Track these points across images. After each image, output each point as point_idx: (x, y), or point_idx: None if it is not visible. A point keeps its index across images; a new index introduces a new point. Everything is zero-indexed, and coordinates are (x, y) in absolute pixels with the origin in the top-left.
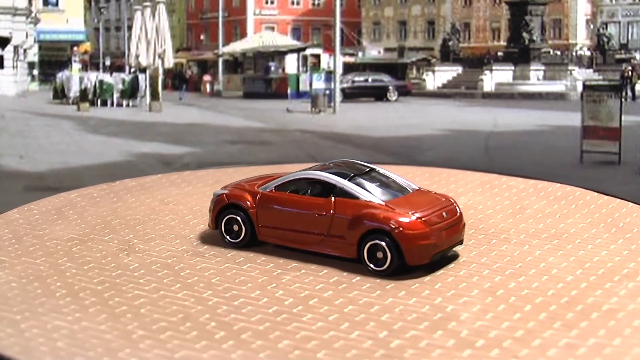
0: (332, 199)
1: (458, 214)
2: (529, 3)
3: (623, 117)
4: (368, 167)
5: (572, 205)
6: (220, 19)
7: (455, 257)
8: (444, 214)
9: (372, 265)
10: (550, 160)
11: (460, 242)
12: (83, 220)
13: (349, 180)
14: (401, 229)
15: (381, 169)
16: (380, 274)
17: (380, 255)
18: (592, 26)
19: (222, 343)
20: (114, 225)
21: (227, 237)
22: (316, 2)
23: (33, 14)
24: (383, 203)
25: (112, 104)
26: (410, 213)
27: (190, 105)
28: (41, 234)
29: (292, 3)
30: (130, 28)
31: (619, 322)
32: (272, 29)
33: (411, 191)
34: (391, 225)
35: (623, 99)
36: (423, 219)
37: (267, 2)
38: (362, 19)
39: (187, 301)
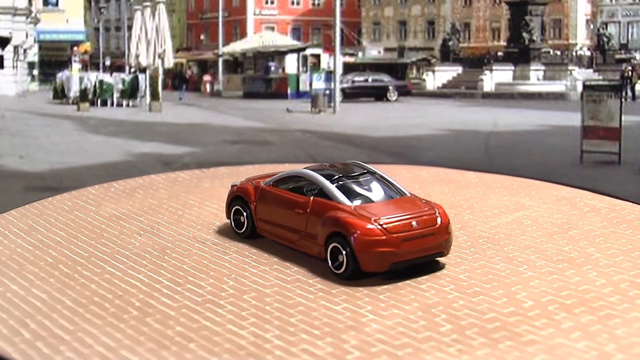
0: (311, 198)
1: (437, 225)
2: (529, 3)
3: (623, 117)
4: (366, 170)
5: (628, 230)
6: (220, 19)
7: (439, 268)
8: (413, 223)
9: (333, 268)
10: (550, 160)
11: (440, 254)
12: (142, 201)
13: (332, 181)
14: (357, 234)
15: (383, 173)
16: (339, 276)
17: (341, 258)
18: (592, 26)
19: (123, 323)
20: (163, 207)
21: (234, 227)
22: (316, 2)
23: (33, 14)
24: (352, 207)
25: (112, 104)
26: (372, 219)
27: (190, 105)
28: (92, 210)
29: (292, 3)
30: (130, 28)
31: (521, 355)
32: (272, 29)
33: (397, 197)
34: (348, 229)
35: (623, 99)
36: (384, 226)
37: (267, 2)
38: (362, 19)
39: (140, 282)
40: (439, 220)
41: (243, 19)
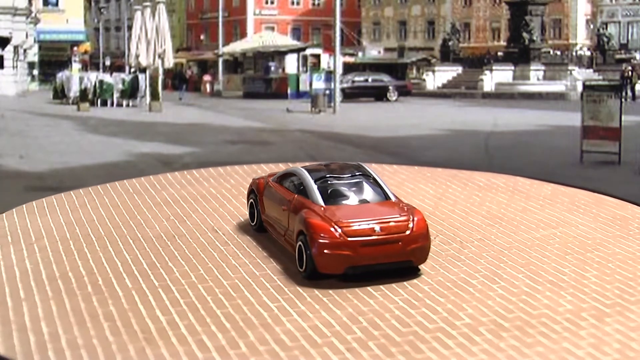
0: (295, 196)
1: (406, 232)
2: (529, 3)
3: (623, 117)
4: (361, 172)
5: None
6: (220, 19)
7: (414, 276)
8: (376, 228)
9: (298, 266)
10: (550, 160)
11: (408, 263)
12: (194, 190)
13: (317, 180)
14: (314, 234)
15: (378, 176)
16: (302, 275)
17: (305, 257)
18: (592, 26)
19: (70, 298)
20: (208, 198)
21: (250, 219)
22: (316, 2)
23: (33, 14)
24: (322, 207)
25: (112, 104)
26: (333, 221)
27: (190, 105)
28: (142, 196)
29: (292, 3)
30: (130, 28)
31: None
32: (272, 29)
33: (378, 201)
34: (308, 229)
35: (623, 99)
36: (344, 229)
37: (267, 2)
38: (362, 19)
39: (122, 263)
40: (410, 227)
41: (243, 19)
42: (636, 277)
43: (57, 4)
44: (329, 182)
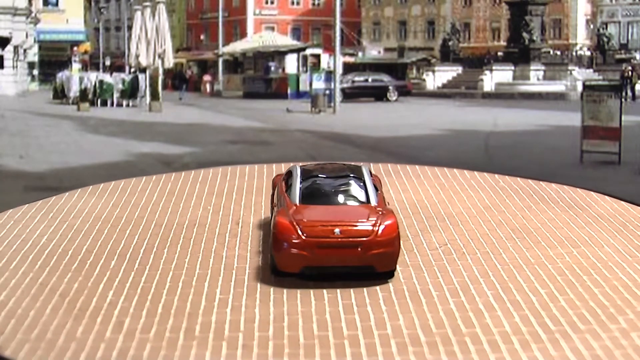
0: (284, 192)
1: (368, 238)
2: (529, 3)
3: (623, 117)
4: (353, 173)
5: None
6: (220, 19)
7: (379, 282)
8: (336, 231)
9: (270, 261)
10: (550, 160)
11: (370, 268)
12: (231, 187)
13: (305, 179)
14: (275, 232)
15: (370, 180)
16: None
17: None
18: (592, 26)
19: (51, 275)
20: (252, 191)
21: (270, 214)
22: (316, 2)
23: (33, 14)
24: (294, 206)
25: (112, 104)
26: (296, 220)
27: (190, 105)
28: (174, 189)
29: (292, 3)
30: (130, 28)
31: None
32: (272, 29)
33: (356, 204)
34: (274, 225)
35: (623, 99)
36: (303, 228)
37: (267, 2)
38: (362, 19)
39: (125, 245)
40: (373, 232)
41: (243, 19)
42: (612, 305)
43: (57, 4)
44: (316, 181)
